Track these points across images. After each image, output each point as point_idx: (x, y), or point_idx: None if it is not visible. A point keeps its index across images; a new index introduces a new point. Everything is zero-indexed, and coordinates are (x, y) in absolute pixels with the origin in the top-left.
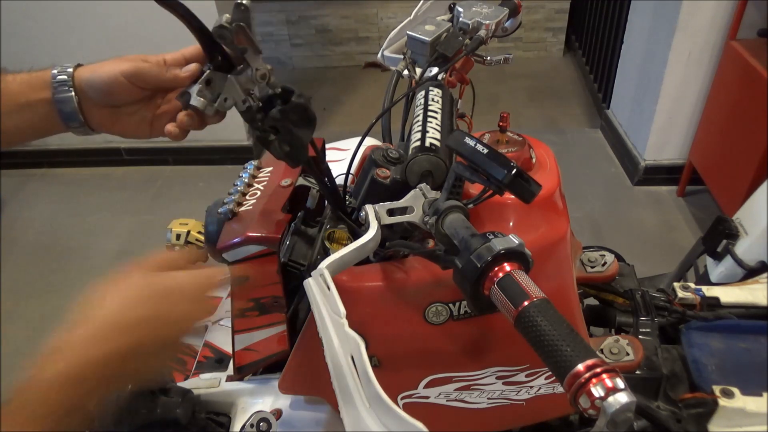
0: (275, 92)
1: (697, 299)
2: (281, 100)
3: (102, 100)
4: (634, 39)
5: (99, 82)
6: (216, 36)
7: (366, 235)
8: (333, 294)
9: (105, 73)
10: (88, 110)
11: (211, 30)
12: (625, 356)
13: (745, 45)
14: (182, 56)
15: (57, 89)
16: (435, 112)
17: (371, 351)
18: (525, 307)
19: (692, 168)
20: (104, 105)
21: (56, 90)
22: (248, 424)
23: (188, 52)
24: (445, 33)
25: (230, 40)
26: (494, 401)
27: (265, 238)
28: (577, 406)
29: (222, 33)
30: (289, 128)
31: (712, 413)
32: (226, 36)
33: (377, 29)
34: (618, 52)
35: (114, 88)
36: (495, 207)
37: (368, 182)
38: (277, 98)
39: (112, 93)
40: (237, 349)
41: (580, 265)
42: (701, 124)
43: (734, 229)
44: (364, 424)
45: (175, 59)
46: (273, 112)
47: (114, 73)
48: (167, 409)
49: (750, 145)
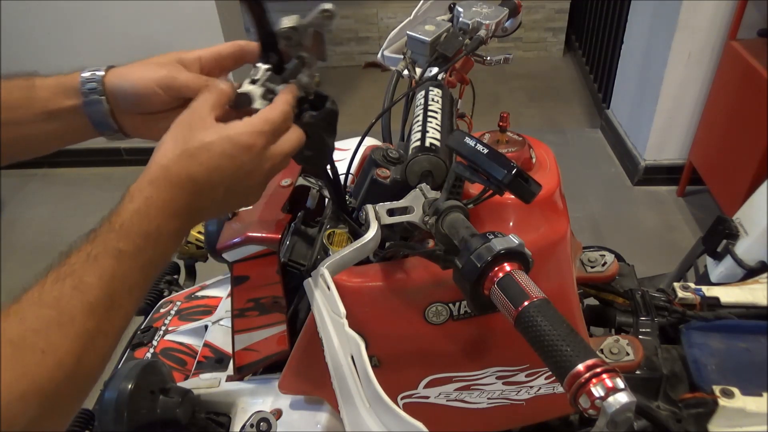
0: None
1: (697, 299)
2: (309, 105)
3: (135, 109)
4: (634, 39)
5: (131, 91)
6: (282, 36)
7: (366, 235)
8: (333, 294)
9: (138, 81)
10: (121, 116)
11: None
12: (625, 356)
13: (745, 45)
14: (218, 53)
15: (87, 96)
16: (435, 112)
17: (371, 351)
18: (525, 307)
19: (692, 168)
20: (138, 112)
21: (86, 97)
22: (248, 424)
23: (223, 49)
24: (445, 33)
25: (296, 42)
26: (494, 401)
27: (265, 238)
28: (577, 406)
29: (290, 34)
30: (321, 134)
31: (712, 413)
32: (293, 37)
33: (377, 29)
34: (618, 52)
35: (148, 98)
36: (495, 207)
37: (368, 182)
38: (305, 102)
39: (145, 102)
40: (237, 349)
41: (580, 265)
42: (701, 124)
43: (734, 229)
44: (364, 424)
45: (211, 57)
46: (306, 117)
47: (148, 83)
48: (167, 409)
49: (750, 145)
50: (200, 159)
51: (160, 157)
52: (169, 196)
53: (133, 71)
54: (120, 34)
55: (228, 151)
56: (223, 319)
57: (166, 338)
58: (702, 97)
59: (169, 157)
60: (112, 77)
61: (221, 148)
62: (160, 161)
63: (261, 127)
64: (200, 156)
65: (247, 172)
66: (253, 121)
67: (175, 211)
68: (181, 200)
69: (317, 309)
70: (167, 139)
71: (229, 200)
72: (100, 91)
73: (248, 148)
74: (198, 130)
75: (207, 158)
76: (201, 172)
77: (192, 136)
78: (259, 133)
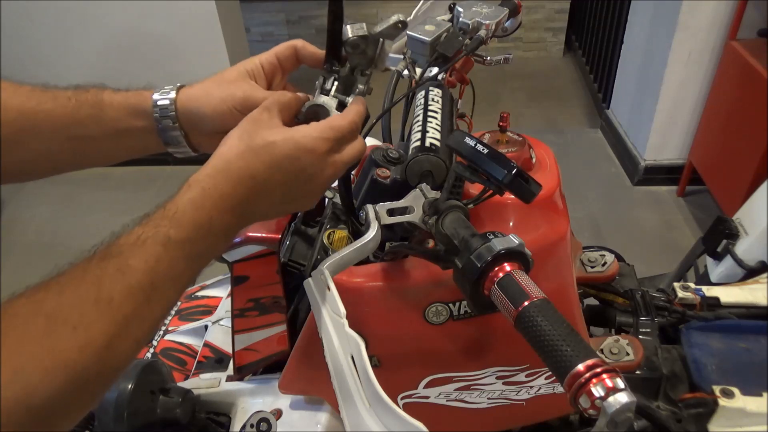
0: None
1: (697, 299)
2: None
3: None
4: (634, 39)
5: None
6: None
7: (366, 235)
8: (333, 294)
9: (219, 105)
10: (193, 135)
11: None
12: (625, 356)
13: (745, 45)
14: (275, 56)
15: (159, 122)
16: (435, 112)
17: (371, 351)
18: (525, 307)
19: (692, 168)
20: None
21: (158, 122)
22: (248, 424)
23: (280, 51)
24: (445, 33)
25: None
26: (494, 401)
27: (265, 238)
28: (577, 406)
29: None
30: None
31: (712, 413)
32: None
33: None
34: (618, 52)
35: (227, 120)
36: (495, 207)
37: (368, 182)
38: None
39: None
40: (237, 349)
41: (580, 265)
42: (701, 124)
43: (734, 229)
44: (364, 424)
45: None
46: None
47: (225, 107)
48: (167, 409)
49: (750, 145)
50: (263, 157)
51: (225, 151)
52: (227, 190)
53: (210, 94)
54: (120, 33)
55: (291, 153)
56: (223, 319)
57: (166, 338)
58: (702, 97)
59: (234, 152)
60: (186, 101)
61: (285, 149)
62: (224, 155)
63: (327, 134)
64: (263, 154)
65: (307, 176)
66: (320, 126)
67: (231, 206)
68: (238, 196)
69: (317, 309)
70: (233, 135)
71: (285, 203)
72: (173, 115)
73: (311, 151)
74: (264, 129)
75: (269, 158)
76: (262, 171)
77: (257, 134)
78: (324, 139)
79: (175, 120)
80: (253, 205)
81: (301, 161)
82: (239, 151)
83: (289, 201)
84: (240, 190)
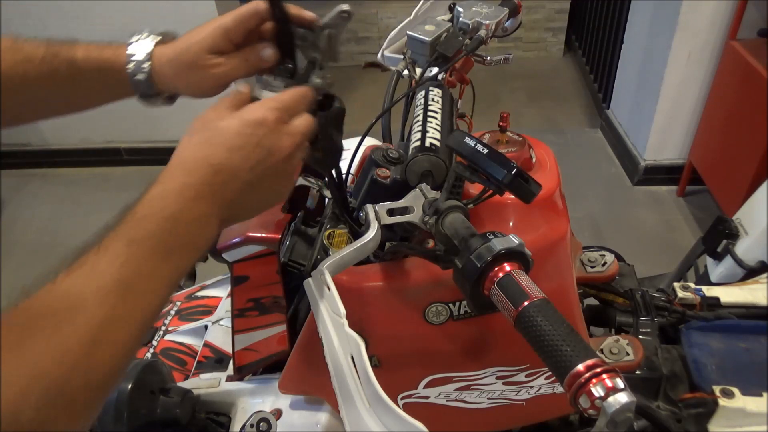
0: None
1: (697, 299)
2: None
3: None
4: (634, 39)
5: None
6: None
7: (366, 235)
8: (333, 294)
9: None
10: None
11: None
12: (625, 356)
13: (745, 45)
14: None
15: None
16: (435, 112)
17: (371, 351)
18: (525, 307)
19: (692, 168)
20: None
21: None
22: (248, 424)
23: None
24: (445, 33)
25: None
26: (494, 401)
27: (265, 238)
28: (577, 406)
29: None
30: (331, 134)
31: (712, 413)
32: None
33: (377, 29)
34: (618, 52)
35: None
36: (495, 207)
37: (368, 182)
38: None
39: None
40: (237, 349)
41: (580, 265)
42: (701, 124)
43: (734, 229)
44: (364, 424)
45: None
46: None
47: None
48: (167, 409)
49: (750, 145)
50: (215, 142)
51: (180, 149)
52: (187, 181)
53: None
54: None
55: (241, 130)
56: (223, 319)
57: (166, 338)
58: (702, 97)
59: (188, 147)
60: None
61: (234, 127)
62: (179, 153)
63: (272, 104)
64: (215, 139)
65: (266, 150)
66: (265, 100)
67: (197, 195)
68: (201, 184)
69: (317, 309)
70: (184, 137)
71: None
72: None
73: (260, 123)
74: (213, 120)
75: (222, 140)
76: (217, 154)
77: (207, 125)
78: (270, 109)
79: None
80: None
81: (254, 136)
82: (192, 145)
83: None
84: (202, 178)
